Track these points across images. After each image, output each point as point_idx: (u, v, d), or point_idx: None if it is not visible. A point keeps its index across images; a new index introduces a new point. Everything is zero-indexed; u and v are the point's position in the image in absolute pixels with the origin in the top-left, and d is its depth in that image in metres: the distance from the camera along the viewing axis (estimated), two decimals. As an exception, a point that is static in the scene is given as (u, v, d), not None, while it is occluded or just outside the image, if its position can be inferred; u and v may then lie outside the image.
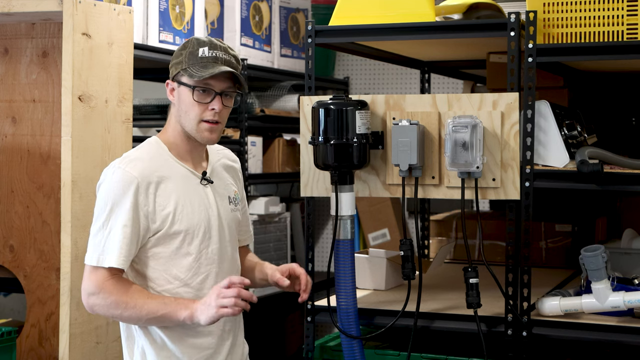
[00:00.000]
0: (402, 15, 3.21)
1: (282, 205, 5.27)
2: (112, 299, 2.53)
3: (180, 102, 2.66)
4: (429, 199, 4.35)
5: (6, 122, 3.45)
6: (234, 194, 2.80)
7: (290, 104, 5.14)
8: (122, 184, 2.55)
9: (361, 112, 3.02)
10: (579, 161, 3.02)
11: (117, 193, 2.55)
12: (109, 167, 2.61)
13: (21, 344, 3.36)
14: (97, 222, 2.57)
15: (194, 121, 2.63)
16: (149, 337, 2.62)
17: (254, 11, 4.98)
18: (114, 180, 2.56)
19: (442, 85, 5.61)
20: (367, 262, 3.64)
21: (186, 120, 2.65)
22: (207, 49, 2.63)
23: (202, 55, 2.63)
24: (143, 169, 2.58)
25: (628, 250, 3.67)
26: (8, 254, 3.43)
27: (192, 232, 2.62)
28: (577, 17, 3.06)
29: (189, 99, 2.63)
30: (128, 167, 2.57)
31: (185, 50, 2.65)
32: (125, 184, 2.55)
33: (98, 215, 2.58)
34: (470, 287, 3.00)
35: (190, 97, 2.63)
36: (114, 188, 2.55)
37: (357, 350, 3.03)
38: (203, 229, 2.64)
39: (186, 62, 2.63)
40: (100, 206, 2.58)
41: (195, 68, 2.62)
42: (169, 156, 2.65)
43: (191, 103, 2.63)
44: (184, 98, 2.64)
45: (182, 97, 2.65)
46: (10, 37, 3.44)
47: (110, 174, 2.58)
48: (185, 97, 2.64)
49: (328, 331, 5.54)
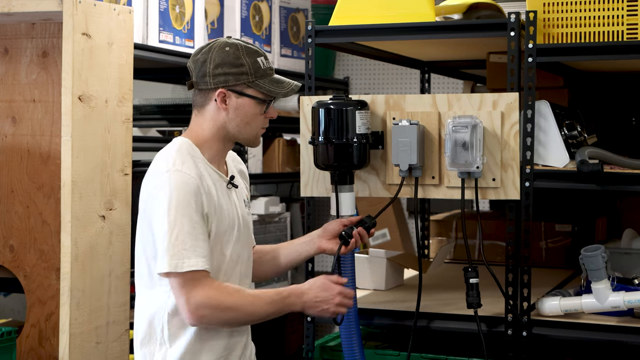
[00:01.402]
0: (402, 15, 3.21)
1: (282, 205, 5.27)
2: (223, 306, 2.52)
3: (238, 112, 2.64)
4: (429, 199, 4.35)
5: (6, 122, 3.44)
6: (247, 198, 2.83)
7: (290, 104, 5.14)
8: (183, 187, 2.52)
9: (361, 112, 3.02)
10: (579, 161, 3.02)
11: (182, 195, 2.51)
12: (161, 171, 2.55)
13: (21, 344, 3.36)
14: (166, 228, 2.50)
15: (255, 131, 2.68)
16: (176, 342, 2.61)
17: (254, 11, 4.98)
18: (174, 184, 2.52)
19: (442, 85, 5.61)
20: (367, 262, 3.64)
21: (245, 129, 2.66)
22: (264, 59, 2.66)
23: (264, 67, 2.65)
24: (195, 170, 2.57)
25: (628, 250, 3.67)
26: (8, 254, 3.43)
27: (228, 234, 2.64)
28: (577, 17, 3.06)
29: (255, 111, 2.65)
30: (184, 169, 2.55)
31: (244, 59, 2.62)
32: (187, 186, 2.52)
33: (166, 222, 2.50)
34: (471, 287, 3.00)
35: (258, 109, 2.65)
36: (177, 191, 2.51)
37: (357, 350, 3.03)
38: (235, 231, 2.66)
39: (252, 75, 2.63)
40: (165, 212, 2.50)
41: (265, 82, 2.64)
42: (202, 158, 2.64)
43: (256, 114, 2.66)
44: (248, 110, 2.65)
45: (244, 108, 2.64)
46: (10, 37, 3.44)
47: (166, 179, 2.53)
48: (250, 109, 2.65)
49: (328, 331, 5.54)
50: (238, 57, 2.62)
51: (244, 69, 2.62)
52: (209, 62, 2.62)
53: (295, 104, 5.08)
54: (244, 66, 2.62)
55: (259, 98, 2.65)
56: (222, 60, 2.62)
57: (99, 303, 3.23)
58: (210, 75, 2.62)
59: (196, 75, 2.65)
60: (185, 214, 2.51)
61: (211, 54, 2.63)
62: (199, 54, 2.66)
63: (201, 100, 2.67)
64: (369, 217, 2.96)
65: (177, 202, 2.50)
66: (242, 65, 2.62)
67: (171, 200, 2.51)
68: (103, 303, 3.25)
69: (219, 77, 2.62)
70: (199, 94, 2.67)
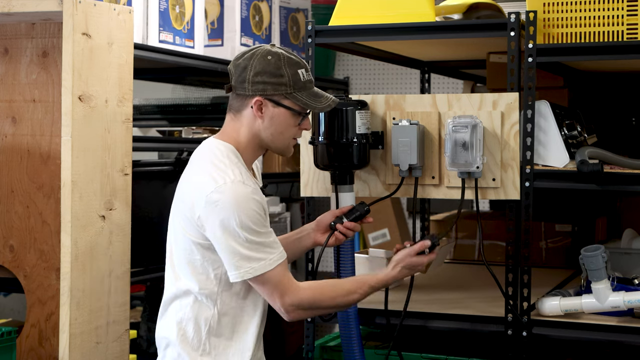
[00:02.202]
0: (402, 15, 3.21)
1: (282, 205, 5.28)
2: (316, 306, 2.66)
3: (273, 121, 2.66)
4: (429, 199, 4.35)
5: (6, 122, 3.44)
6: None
7: (290, 104, 5.13)
8: (250, 199, 2.56)
9: (361, 112, 3.02)
10: (579, 161, 3.02)
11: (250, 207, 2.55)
12: (224, 181, 2.56)
13: (21, 344, 3.36)
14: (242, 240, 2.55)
15: (287, 140, 2.71)
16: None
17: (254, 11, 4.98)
18: (240, 195, 2.55)
19: (442, 85, 5.61)
20: (367, 262, 3.64)
21: (277, 139, 2.69)
22: (305, 71, 2.68)
23: (303, 80, 2.67)
24: (250, 177, 2.64)
25: (628, 250, 3.67)
26: (8, 254, 3.43)
27: None
28: (577, 17, 3.06)
29: (290, 122, 2.68)
30: (246, 181, 2.58)
31: (283, 69, 2.64)
32: (253, 198, 2.57)
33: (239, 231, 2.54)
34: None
35: (293, 121, 2.68)
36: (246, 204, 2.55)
37: (357, 350, 3.03)
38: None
39: (291, 87, 2.64)
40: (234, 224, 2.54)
41: (304, 96, 2.66)
42: (244, 165, 2.68)
43: (291, 125, 2.68)
44: (283, 120, 2.67)
45: (279, 118, 2.66)
46: (10, 37, 3.44)
47: (231, 188, 2.55)
48: (284, 120, 2.67)
49: (328, 331, 5.54)
50: (279, 67, 2.63)
51: (283, 80, 2.63)
52: (250, 68, 2.64)
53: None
54: (283, 77, 2.63)
55: (295, 110, 2.67)
56: (263, 68, 2.63)
57: (99, 303, 3.23)
58: (249, 82, 2.64)
59: (236, 79, 2.67)
60: (257, 222, 2.57)
61: (253, 61, 2.64)
62: (241, 59, 2.68)
63: (238, 105, 2.69)
64: (362, 204, 2.97)
65: (248, 212, 2.55)
66: (282, 75, 2.63)
67: (240, 211, 2.53)
68: (103, 303, 3.25)
69: (257, 85, 2.63)
70: (236, 98, 2.69)
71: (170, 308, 2.70)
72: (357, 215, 2.96)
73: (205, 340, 2.65)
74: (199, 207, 2.56)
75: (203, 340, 2.65)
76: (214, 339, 2.65)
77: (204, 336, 2.65)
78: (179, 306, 2.67)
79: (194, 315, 2.65)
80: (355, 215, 2.95)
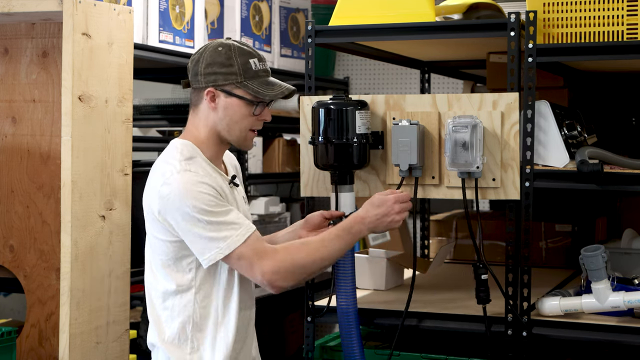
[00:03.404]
0: (402, 15, 3.21)
1: (282, 205, 5.27)
2: (297, 265, 2.61)
3: (227, 112, 2.68)
4: (429, 199, 4.35)
5: (6, 122, 3.44)
6: (244, 195, 2.87)
7: (291, 104, 5.14)
8: (197, 185, 2.56)
9: (361, 112, 3.02)
10: (579, 161, 3.02)
11: (198, 192, 2.54)
12: (170, 173, 2.58)
13: (21, 344, 3.36)
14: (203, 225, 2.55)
15: (243, 132, 2.70)
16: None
17: (254, 11, 4.98)
18: (189, 184, 2.55)
19: (442, 85, 5.61)
20: (367, 262, 3.64)
21: (233, 129, 2.69)
22: (257, 60, 2.68)
23: (256, 69, 2.67)
24: (202, 169, 2.62)
25: (628, 250, 3.67)
26: (8, 254, 3.43)
27: None
28: (577, 17, 3.06)
29: (244, 111, 2.68)
30: (192, 168, 2.59)
31: (234, 60, 2.65)
32: (201, 184, 2.56)
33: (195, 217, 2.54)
34: (481, 283, 3.00)
35: (246, 110, 2.67)
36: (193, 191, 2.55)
37: (357, 350, 3.03)
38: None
39: (241, 76, 2.65)
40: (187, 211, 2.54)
41: (256, 84, 2.66)
42: (204, 159, 2.69)
43: (245, 115, 2.68)
44: (236, 110, 2.67)
45: (233, 108, 2.67)
46: (10, 37, 3.44)
47: (178, 178, 2.56)
48: (238, 109, 2.68)
49: (328, 331, 5.54)
50: (229, 57, 2.66)
51: (233, 69, 2.65)
52: (202, 61, 2.68)
53: (295, 104, 5.08)
54: (233, 66, 2.65)
55: (247, 99, 2.67)
56: (214, 59, 2.66)
57: (99, 303, 3.23)
58: (201, 74, 2.67)
59: (191, 74, 2.71)
60: (210, 203, 2.55)
61: (204, 54, 2.68)
62: (195, 54, 2.72)
63: (195, 99, 2.72)
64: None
65: (198, 195, 2.54)
66: (232, 65, 2.65)
67: (188, 197, 2.54)
68: (103, 303, 3.25)
69: (209, 76, 2.66)
70: (193, 93, 2.73)
71: (153, 313, 2.71)
72: None
73: (192, 337, 2.66)
74: (156, 204, 2.60)
75: (189, 338, 2.66)
76: (198, 335, 2.66)
77: (189, 334, 2.66)
78: (162, 308, 2.68)
79: (177, 314, 2.65)
80: None
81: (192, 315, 2.66)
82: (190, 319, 2.66)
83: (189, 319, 2.66)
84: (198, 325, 2.66)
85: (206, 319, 2.67)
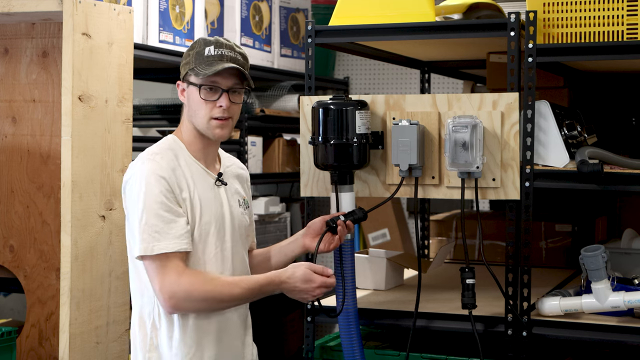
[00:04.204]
0: (402, 15, 3.21)
1: (282, 205, 5.27)
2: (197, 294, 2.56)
3: (190, 101, 2.72)
4: (429, 199, 4.35)
5: (6, 122, 3.45)
6: (243, 200, 2.87)
7: (290, 104, 5.14)
8: (154, 174, 2.58)
9: (361, 112, 3.01)
10: (579, 161, 3.02)
11: (152, 181, 2.57)
12: (137, 161, 2.64)
13: (21, 344, 3.36)
14: (139, 214, 2.57)
15: (204, 119, 2.70)
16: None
17: (254, 11, 4.98)
18: (146, 172, 2.59)
19: (442, 85, 5.61)
20: (367, 262, 3.64)
21: (197, 118, 2.71)
22: (213, 47, 2.69)
23: (208, 54, 2.68)
24: (169, 161, 2.64)
25: (628, 250, 3.67)
26: (8, 254, 3.43)
27: (206, 227, 2.67)
28: (577, 17, 3.06)
29: (197, 98, 2.69)
30: (157, 158, 2.62)
31: (193, 50, 2.71)
32: (158, 173, 2.59)
33: (138, 208, 2.57)
34: (466, 288, 3.00)
35: (198, 96, 2.68)
36: (148, 178, 2.58)
37: (357, 350, 3.03)
38: (214, 227, 2.69)
39: (193, 62, 2.69)
40: (136, 199, 2.58)
41: (201, 67, 2.67)
42: (186, 154, 2.71)
43: (199, 101, 2.69)
44: (193, 97, 2.70)
45: (191, 96, 2.71)
46: (10, 37, 3.44)
47: (138, 167, 2.61)
48: (194, 96, 2.70)
49: (328, 331, 5.54)
50: (192, 48, 2.73)
51: (189, 59, 2.71)
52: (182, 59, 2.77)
53: (295, 104, 5.08)
54: (190, 56, 2.72)
55: (196, 83, 2.69)
56: (184, 55, 2.75)
57: (99, 303, 3.23)
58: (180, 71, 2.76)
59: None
60: (157, 200, 2.57)
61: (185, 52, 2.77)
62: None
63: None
64: (360, 209, 2.97)
65: (148, 188, 2.57)
66: (189, 55, 2.72)
67: (141, 186, 2.58)
68: (103, 303, 3.25)
69: (180, 71, 2.76)
70: None
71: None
72: (355, 218, 2.95)
73: (151, 335, 2.66)
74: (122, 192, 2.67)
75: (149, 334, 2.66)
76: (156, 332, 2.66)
77: (149, 332, 2.66)
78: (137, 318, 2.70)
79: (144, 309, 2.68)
80: (354, 217, 2.95)
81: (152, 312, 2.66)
82: (151, 316, 2.66)
83: (149, 315, 2.66)
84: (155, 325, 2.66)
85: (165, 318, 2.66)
